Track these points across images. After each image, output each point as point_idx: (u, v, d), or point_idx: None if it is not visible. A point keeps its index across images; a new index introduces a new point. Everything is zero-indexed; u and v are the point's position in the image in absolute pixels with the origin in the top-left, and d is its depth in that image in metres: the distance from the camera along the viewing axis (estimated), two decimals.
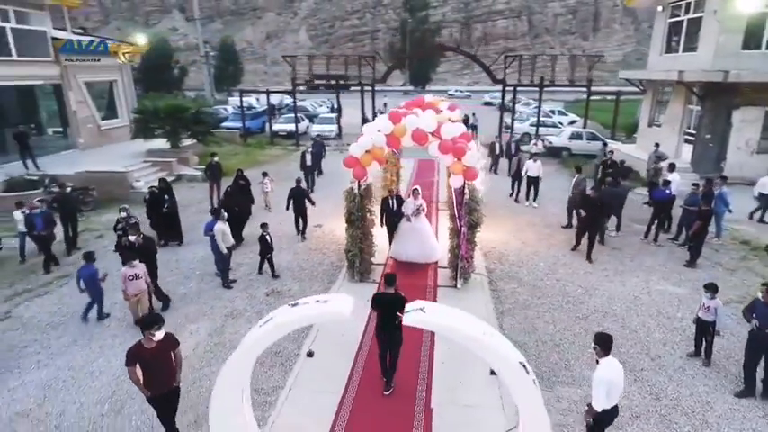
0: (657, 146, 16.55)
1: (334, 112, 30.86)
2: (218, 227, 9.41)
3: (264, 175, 14.34)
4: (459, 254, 9.24)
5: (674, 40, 18.53)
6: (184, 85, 52.92)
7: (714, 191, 11.57)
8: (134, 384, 5.30)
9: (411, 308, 4.16)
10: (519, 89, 25.04)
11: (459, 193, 9.02)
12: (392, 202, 10.57)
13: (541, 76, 23.86)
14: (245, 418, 4.62)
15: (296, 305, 4.35)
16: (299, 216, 12.36)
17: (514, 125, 26.35)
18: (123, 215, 10.19)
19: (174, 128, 19.32)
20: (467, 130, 9.61)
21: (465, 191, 8.90)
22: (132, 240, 8.58)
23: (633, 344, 7.81)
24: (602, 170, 15.03)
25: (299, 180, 12.72)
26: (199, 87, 49.45)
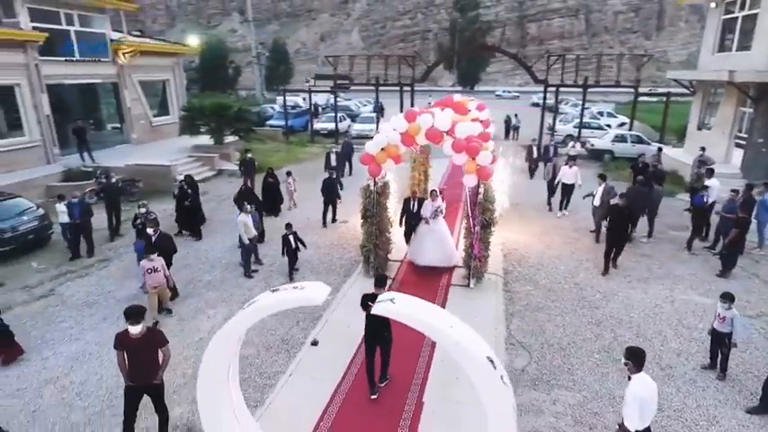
0: (704, 150, 15.73)
1: (376, 111, 31.25)
2: (240, 218, 9.90)
3: (288, 174, 14.69)
4: (473, 253, 9.24)
5: (727, 39, 17.47)
6: (238, 84, 55.16)
7: (756, 198, 10.92)
8: (118, 368, 5.52)
9: (382, 298, 4.30)
10: (567, 90, 24.22)
11: (474, 193, 9.04)
12: (413, 204, 10.48)
13: (585, 77, 23.08)
14: (230, 395, 4.92)
15: (276, 291, 4.61)
16: (328, 205, 13.00)
17: (558, 127, 25.69)
18: (143, 211, 10.33)
19: (218, 125, 20.33)
20: (490, 131, 9.51)
21: (479, 190, 8.91)
22: (150, 234, 8.95)
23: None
24: (632, 174, 14.44)
25: (331, 171, 13.57)
26: (251, 87, 51.45)
